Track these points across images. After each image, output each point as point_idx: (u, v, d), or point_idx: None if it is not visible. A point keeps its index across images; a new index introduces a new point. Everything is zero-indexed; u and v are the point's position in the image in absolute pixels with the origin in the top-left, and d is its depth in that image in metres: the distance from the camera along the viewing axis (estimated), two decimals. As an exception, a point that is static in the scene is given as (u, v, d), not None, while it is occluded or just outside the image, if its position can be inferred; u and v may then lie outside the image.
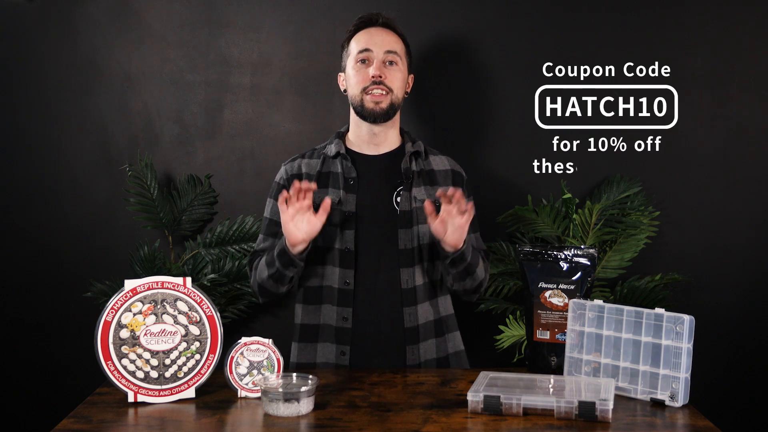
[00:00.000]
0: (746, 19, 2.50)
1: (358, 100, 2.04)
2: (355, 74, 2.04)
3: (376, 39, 2.04)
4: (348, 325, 2.01)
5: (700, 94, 2.51)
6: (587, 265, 1.95)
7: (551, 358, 1.93)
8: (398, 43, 2.06)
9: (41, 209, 2.55)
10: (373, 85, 2.01)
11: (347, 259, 2.00)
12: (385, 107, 2.02)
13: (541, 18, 2.51)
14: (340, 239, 2.01)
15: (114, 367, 1.73)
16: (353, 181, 2.04)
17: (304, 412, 1.63)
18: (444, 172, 2.10)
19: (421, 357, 2.03)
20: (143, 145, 2.54)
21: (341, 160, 2.06)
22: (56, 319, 2.57)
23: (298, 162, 2.11)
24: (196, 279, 2.45)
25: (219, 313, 1.79)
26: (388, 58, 2.03)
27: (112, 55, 2.54)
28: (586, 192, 2.52)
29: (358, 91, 2.03)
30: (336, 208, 2.01)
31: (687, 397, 1.69)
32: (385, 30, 2.06)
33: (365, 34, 2.06)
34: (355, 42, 2.06)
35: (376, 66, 2.02)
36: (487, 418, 1.60)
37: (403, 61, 2.07)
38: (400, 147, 2.11)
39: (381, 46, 2.03)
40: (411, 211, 2.02)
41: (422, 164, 2.09)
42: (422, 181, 2.06)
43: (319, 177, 2.06)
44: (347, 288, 2.00)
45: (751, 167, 2.52)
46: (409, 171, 2.05)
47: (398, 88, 2.04)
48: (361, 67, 2.04)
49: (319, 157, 2.10)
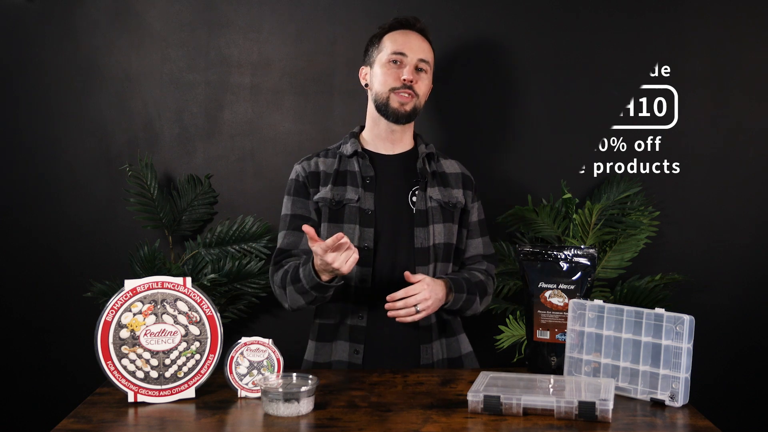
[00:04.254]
0: (746, 19, 2.50)
1: (383, 98, 2.05)
2: (385, 72, 2.05)
3: (413, 44, 2.06)
4: (363, 323, 2.01)
5: (700, 94, 2.51)
6: (587, 265, 1.95)
7: (551, 358, 1.93)
8: (429, 53, 2.09)
9: (41, 209, 2.56)
10: (403, 88, 2.03)
11: (365, 257, 2.01)
12: (410, 110, 2.05)
13: (541, 18, 2.51)
14: (359, 237, 2.01)
15: (114, 367, 1.73)
16: (370, 180, 2.05)
17: (304, 412, 1.63)
18: (455, 175, 2.14)
19: (434, 356, 2.05)
20: (143, 145, 2.54)
21: (358, 159, 2.07)
22: (56, 319, 2.57)
23: (314, 160, 2.10)
24: (196, 279, 2.45)
25: (219, 313, 1.79)
26: (420, 66, 2.06)
27: (112, 55, 2.54)
28: (586, 192, 2.52)
29: (386, 90, 2.04)
30: (354, 206, 2.02)
31: (687, 397, 1.69)
32: (421, 37, 2.09)
33: (402, 35, 2.07)
34: (390, 41, 2.07)
35: (409, 70, 2.03)
36: (487, 418, 1.60)
37: (430, 70, 2.10)
38: (413, 148, 2.13)
39: (416, 52, 2.05)
40: (426, 211, 2.05)
41: (435, 166, 2.12)
42: (436, 182, 2.09)
43: (337, 175, 2.07)
44: (364, 286, 2.01)
45: (751, 167, 2.52)
46: (424, 171, 2.08)
47: (423, 95, 2.08)
48: (392, 67, 2.05)
49: (335, 156, 2.10)
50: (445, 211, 2.07)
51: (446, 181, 2.11)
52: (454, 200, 2.09)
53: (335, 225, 2.03)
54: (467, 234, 2.13)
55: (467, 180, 2.15)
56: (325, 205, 2.03)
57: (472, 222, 2.14)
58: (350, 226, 2.02)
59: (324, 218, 2.04)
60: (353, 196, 2.03)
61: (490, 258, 2.17)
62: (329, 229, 2.03)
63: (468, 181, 2.15)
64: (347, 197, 2.03)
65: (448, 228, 2.06)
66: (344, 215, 2.03)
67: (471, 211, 2.13)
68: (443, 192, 2.09)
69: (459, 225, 2.11)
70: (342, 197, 2.03)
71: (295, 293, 1.94)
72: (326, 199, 2.03)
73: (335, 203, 2.03)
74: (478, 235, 2.15)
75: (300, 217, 2.05)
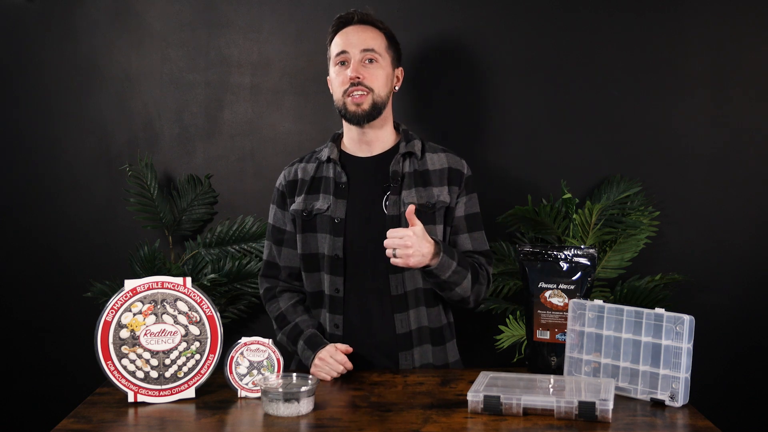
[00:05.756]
0: (746, 20, 2.50)
1: (341, 104, 2.01)
2: (335, 77, 2.02)
3: (352, 39, 2.00)
4: (339, 332, 2.00)
5: (700, 94, 2.51)
6: (587, 265, 1.95)
7: (551, 358, 1.93)
8: (376, 39, 2.01)
9: (41, 209, 2.56)
10: (352, 87, 1.97)
11: (336, 266, 1.99)
12: (367, 108, 1.98)
13: (541, 18, 2.51)
14: (330, 246, 1.99)
15: (114, 367, 1.73)
16: (344, 186, 2.02)
17: (304, 412, 1.63)
18: (439, 171, 2.04)
19: (415, 363, 2.01)
20: (143, 145, 2.54)
21: (333, 165, 2.05)
22: (56, 319, 2.57)
23: (295, 167, 2.11)
24: (196, 279, 2.45)
25: (219, 313, 1.79)
26: (366, 57, 1.99)
27: (112, 55, 2.54)
28: (586, 192, 2.52)
29: (340, 95, 2.00)
30: (326, 215, 2.01)
31: (687, 397, 1.69)
32: (362, 27, 2.02)
33: (342, 35, 2.03)
34: (334, 44, 2.04)
35: (353, 67, 1.98)
36: (487, 418, 1.60)
37: (384, 56, 2.02)
38: (394, 147, 2.07)
39: (357, 46, 1.99)
40: (399, 216, 1.98)
41: (416, 164, 2.04)
42: (414, 183, 2.01)
43: (312, 183, 2.06)
44: (337, 295, 2.00)
45: (751, 167, 2.52)
46: (397, 173, 2.01)
47: (380, 86, 1.99)
48: (340, 69, 2.01)
49: (315, 161, 2.09)
50: (422, 214, 1.96)
51: (427, 179, 2.02)
52: (434, 200, 2.00)
53: (309, 234, 2.03)
54: (452, 230, 2.04)
55: (454, 174, 2.04)
56: (297, 216, 2.04)
57: (457, 217, 2.03)
58: (322, 235, 2.01)
59: (299, 229, 2.04)
60: (323, 205, 2.01)
61: (483, 254, 2.06)
62: (303, 239, 2.04)
63: (455, 176, 2.04)
64: (317, 207, 2.01)
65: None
66: (316, 224, 2.02)
67: (457, 207, 2.03)
68: (421, 192, 2.00)
69: (445, 223, 2.02)
70: (313, 207, 2.01)
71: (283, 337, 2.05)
72: (298, 210, 2.04)
73: (306, 213, 2.01)
74: (465, 231, 2.04)
75: (277, 230, 2.10)
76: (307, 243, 2.03)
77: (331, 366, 1.89)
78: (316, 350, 1.93)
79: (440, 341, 2.05)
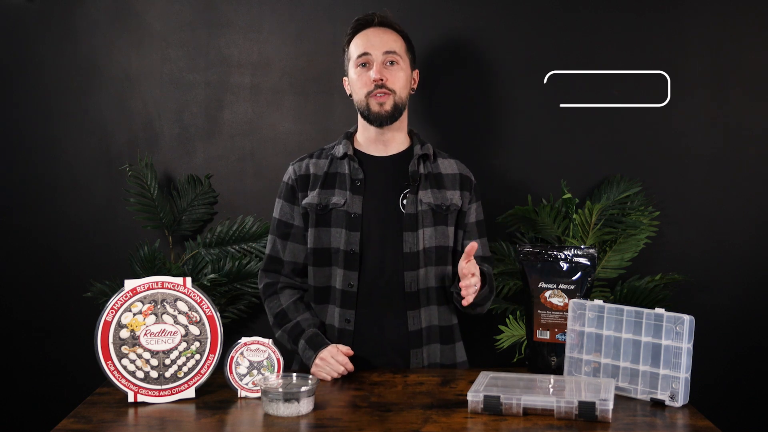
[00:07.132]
0: (746, 20, 2.50)
1: (363, 105, 2.04)
2: (357, 79, 2.04)
3: (374, 40, 2.04)
4: (350, 327, 2.01)
5: (700, 94, 2.51)
6: (587, 265, 1.95)
7: (551, 358, 1.93)
8: (397, 41, 2.06)
9: (41, 209, 2.55)
10: (376, 89, 2.01)
11: (351, 261, 2.00)
12: (390, 109, 2.02)
13: (542, 19, 2.51)
14: (345, 241, 2.01)
15: (114, 367, 1.73)
16: (360, 183, 2.04)
17: (304, 412, 1.63)
18: (452, 176, 2.11)
19: (425, 361, 2.03)
20: (143, 145, 2.54)
21: (349, 162, 2.07)
22: (56, 319, 2.57)
23: (306, 162, 2.11)
24: (196, 279, 2.45)
25: (219, 313, 1.79)
26: (388, 59, 2.03)
27: (112, 55, 2.53)
28: (586, 192, 2.52)
29: (363, 96, 2.03)
30: (341, 209, 2.01)
31: (687, 397, 1.69)
32: (382, 29, 2.06)
33: (362, 36, 2.06)
34: (354, 46, 2.06)
35: (377, 69, 2.01)
36: (487, 418, 1.60)
37: (404, 58, 2.06)
38: (408, 149, 2.11)
39: (379, 48, 2.02)
40: (416, 214, 2.02)
41: (430, 167, 2.09)
42: (429, 185, 2.07)
43: (326, 178, 2.06)
44: (350, 290, 2.01)
45: (751, 167, 2.52)
46: (416, 174, 2.05)
47: (401, 88, 2.04)
48: (362, 71, 2.04)
49: (327, 157, 2.10)
50: (437, 214, 2.04)
51: (441, 182, 2.09)
52: (448, 202, 2.06)
53: (323, 229, 2.04)
54: (464, 235, 2.11)
55: (465, 180, 2.12)
56: (312, 210, 2.04)
57: (469, 223, 2.12)
58: (337, 230, 2.02)
59: (311, 223, 2.05)
60: (340, 199, 2.03)
61: (488, 260, 2.15)
62: (316, 233, 2.04)
63: (466, 182, 2.12)
64: (333, 201, 2.03)
65: (441, 231, 2.04)
66: (331, 219, 2.03)
67: (468, 212, 2.11)
68: (436, 194, 2.06)
69: (456, 226, 2.09)
70: (329, 201, 2.03)
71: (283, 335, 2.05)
72: (312, 204, 2.04)
73: (321, 207, 2.02)
74: (476, 236, 2.11)
75: (284, 224, 2.09)
76: (320, 237, 2.04)
77: (332, 366, 1.90)
78: (317, 350, 1.93)
79: (449, 340, 2.08)
